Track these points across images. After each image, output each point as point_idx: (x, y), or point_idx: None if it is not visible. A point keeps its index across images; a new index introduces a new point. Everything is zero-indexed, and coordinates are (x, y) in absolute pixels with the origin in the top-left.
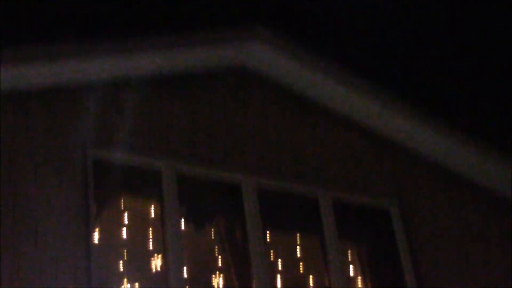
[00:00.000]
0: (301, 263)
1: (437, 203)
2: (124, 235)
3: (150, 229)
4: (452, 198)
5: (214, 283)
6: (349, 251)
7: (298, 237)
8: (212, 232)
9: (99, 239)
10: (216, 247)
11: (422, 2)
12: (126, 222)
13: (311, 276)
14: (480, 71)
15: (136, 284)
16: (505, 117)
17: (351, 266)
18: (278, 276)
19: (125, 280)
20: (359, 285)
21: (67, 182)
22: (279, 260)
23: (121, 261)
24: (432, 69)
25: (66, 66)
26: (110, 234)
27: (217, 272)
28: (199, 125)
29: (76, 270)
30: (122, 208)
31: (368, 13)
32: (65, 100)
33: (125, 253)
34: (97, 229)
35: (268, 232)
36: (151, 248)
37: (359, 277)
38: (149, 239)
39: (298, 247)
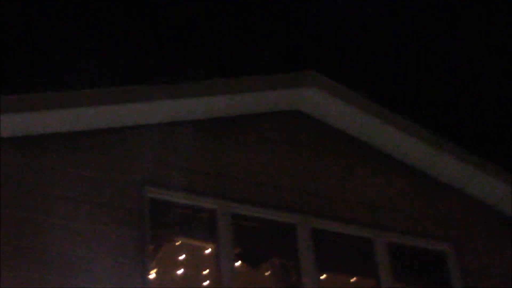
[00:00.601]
0: None
1: (492, 247)
2: (180, 275)
3: (206, 268)
4: (508, 243)
5: None
6: None
7: (352, 279)
8: (267, 273)
9: (155, 279)
10: (271, 287)
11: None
12: (181, 261)
13: None
14: None
15: None
16: None
17: None
18: None
19: None
20: None
21: (123, 221)
22: None
23: None
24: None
25: (120, 109)
26: (166, 273)
27: None
28: (253, 166)
29: None
30: (178, 248)
31: (420, 58)
32: (122, 140)
33: None
34: (153, 269)
35: (323, 273)
36: (207, 287)
37: None
38: (205, 278)
39: None
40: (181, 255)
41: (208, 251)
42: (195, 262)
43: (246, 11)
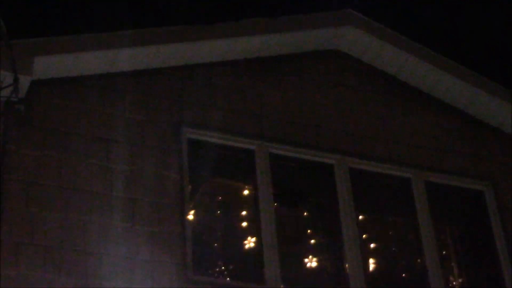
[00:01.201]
0: (393, 245)
1: None
2: (218, 215)
3: (244, 209)
4: None
5: (307, 264)
6: (442, 233)
7: (390, 219)
8: (305, 213)
9: (193, 220)
10: (309, 228)
11: None
12: (219, 202)
13: (403, 258)
14: None
15: (231, 266)
16: None
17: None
18: (370, 258)
19: (220, 260)
20: (453, 267)
21: (162, 162)
22: (371, 242)
23: (215, 241)
24: None
25: (161, 49)
26: (204, 214)
27: (310, 253)
28: (292, 106)
29: (171, 247)
30: (216, 188)
31: None
32: (160, 81)
33: (218, 233)
34: (191, 210)
35: (360, 213)
36: (245, 227)
37: (453, 259)
38: (243, 219)
39: (390, 229)
40: (219, 196)
41: (246, 192)
42: (233, 203)
43: None
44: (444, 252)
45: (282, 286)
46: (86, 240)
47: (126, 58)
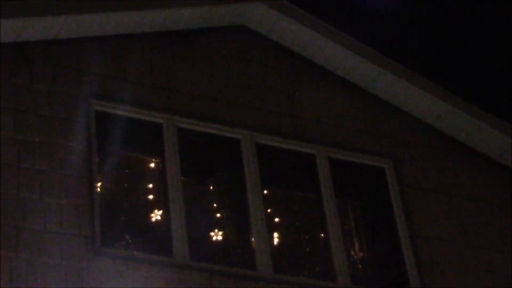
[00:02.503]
0: (297, 220)
1: (430, 163)
2: (125, 188)
3: (151, 182)
4: (445, 159)
5: (213, 237)
6: (345, 209)
7: (295, 194)
8: (212, 187)
9: (101, 191)
10: (215, 202)
11: None
12: (127, 174)
13: (307, 232)
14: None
15: (138, 238)
16: (498, 81)
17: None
18: (275, 233)
19: (128, 232)
20: (354, 241)
21: (71, 133)
22: (276, 216)
23: (123, 214)
24: (431, 31)
25: (70, 19)
26: (112, 186)
27: (216, 227)
28: (200, 81)
29: (80, 216)
30: (124, 161)
31: None
32: (69, 52)
33: (126, 206)
34: (98, 182)
35: (266, 188)
36: (152, 200)
37: (354, 233)
38: (150, 192)
39: (295, 204)
40: (127, 168)
41: (153, 165)
42: (141, 176)
43: None
44: (346, 227)
45: (189, 259)
46: None
47: (34, 28)
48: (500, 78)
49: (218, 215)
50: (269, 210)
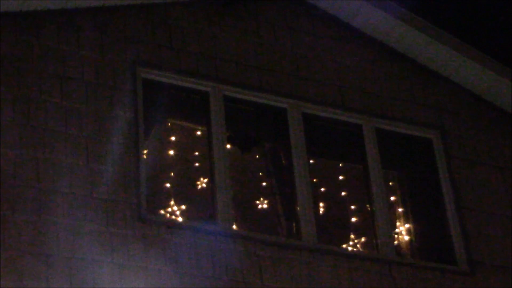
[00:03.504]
0: (343, 190)
1: (478, 135)
2: (171, 155)
3: (197, 150)
4: (493, 131)
5: (259, 206)
6: (391, 180)
7: (341, 165)
8: (258, 156)
9: (147, 159)
10: (261, 170)
11: None
12: (173, 142)
13: (352, 203)
14: None
15: (183, 206)
16: None
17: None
18: (320, 203)
19: (172, 199)
20: (400, 213)
21: (117, 101)
22: (322, 186)
23: (168, 181)
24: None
25: None
26: (157, 153)
27: (262, 195)
28: (247, 50)
29: (126, 183)
30: (170, 129)
31: None
32: (116, 20)
33: (172, 173)
34: (145, 149)
35: (312, 158)
36: (197, 168)
37: (401, 205)
38: (196, 160)
39: (341, 173)
40: (172, 136)
41: (199, 133)
42: (187, 144)
43: None
44: (392, 199)
45: (234, 227)
46: (40, 177)
47: None
48: None
49: (264, 184)
50: (314, 180)
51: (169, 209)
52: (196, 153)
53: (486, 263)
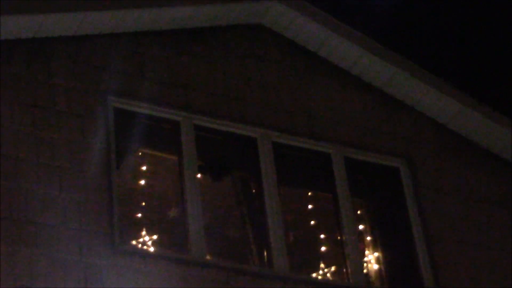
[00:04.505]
0: (313, 219)
1: (445, 164)
2: (142, 185)
3: (168, 179)
4: (459, 159)
5: (230, 235)
6: (360, 208)
7: (311, 193)
8: (228, 185)
9: (119, 188)
10: (232, 199)
11: None
12: (144, 171)
13: (322, 232)
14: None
15: (155, 236)
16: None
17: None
18: (290, 232)
19: (144, 229)
20: (369, 240)
21: (89, 130)
22: (292, 214)
23: (140, 211)
24: (447, 31)
25: (90, 16)
26: (128, 183)
27: (233, 224)
28: (217, 79)
29: (98, 213)
30: (141, 158)
31: None
32: (88, 49)
33: (143, 203)
34: (117, 178)
35: (282, 187)
36: (169, 198)
37: (369, 233)
38: (167, 189)
39: (310, 202)
40: (144, 165)
41: (170, 162)
42: (158, 173)
43: None
44: (361, 227)
45: (206, 257)
46: (13, 207)
47: (53, 23)
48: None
49: (235, 213)
50: (285, 209)
51: (141, 239)
52: (168, 183)
53: None
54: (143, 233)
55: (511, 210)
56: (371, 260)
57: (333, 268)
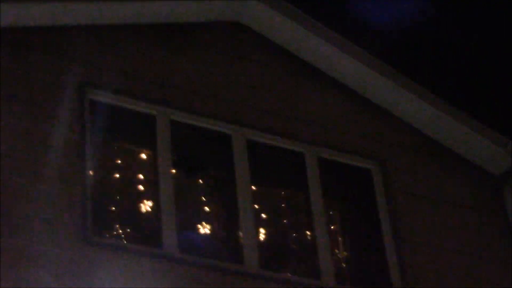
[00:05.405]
0: (284, 218)
1: (417, 168)
2: (116, 178)
3: (142, 173)
4: (432, 164)
5: (201, 231)
6: (331, 208)
7: (283, 192)
8: (201, 181)
9: (93, 180)
10: (205, 195)
11: None
12: (118, 164)
13: (293, 230)
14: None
15: (128, 229)
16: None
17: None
18: (262, 229)
19: (118, 222)
20: (340, 241)
21: (64, 121)
22: (264, 213)
23: (113, 204)
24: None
25: (68, 7)
26: (102, 176)
27: (205, 220)
28: (194, 74)
29: (71, 205)
30: (115, 151)
31: None
32: (66, 40)
33: (117, 196)
34: (91, 170)
35: (255, 185)
36: (142, 191)
37: (340, 233)
38: (140, 183)
39: (282, 201)
40: (118, 158)
41: (145, 156)
42: (132, 167)
43: None
44: (332, 227)
45: (178, 252)
46: None
47: (32, 14)
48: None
49: (207, 209)
50: (257, 206)
51: (114, 232)
52: (141, 176)
53: None
54: (117, 226)
55: (482, 215)
56: (341, 260)
57: (303, 267)
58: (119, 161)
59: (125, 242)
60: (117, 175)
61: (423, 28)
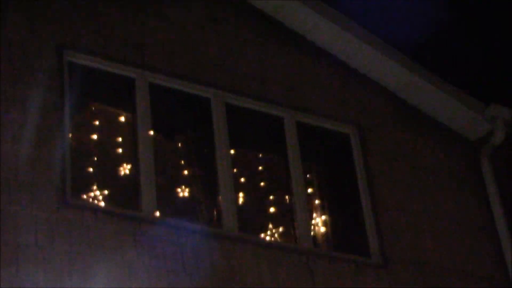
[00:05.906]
0: (263, 181)
1: (394, 132)
2: (95, 140)
3: (120, 135)
4: (408, 129)
5: (180, 193)
6: (310, 172)
7: (261, 155)
8: (180, 144)
9: (72, 142)
10: (184, 158)
11: None
12: (97, 126)
13: (271, 194)
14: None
15: (106, 191)
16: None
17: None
18: (241, 193)
19: (95, 184)
20: (317, 204)
21: (43, 83)
22: (242, 176)
23: (92, 165)
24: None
25: None
26: (81, 137)
27: (184, 183)
28: (174, 38)
29: (50, 167)
30: (94, 113)
31: None
32: (44, 2)
33: (95, 158)
34: (70, 132)
35: (233, 148)
36: (121, 154)
37: (318, 196)
38: (119, 145)
39: (261, 164)
40: (97, 120)
41: (124, 119)
42: (111, 129)
43: None
44: (310, 190)
45: (157, 213)
46: None
47: None
48: (467, 51)
49: (186, 172)
50: (235, 170)
51: (92, 194)
52: (120, 139)
53: (398, 257)
54: (94, 187)
55: (459, 180)
56: (319, 223)
57: (281, 230)
58: (98, 124)
59: (103, 204)
60: (96, 138)
61: None
